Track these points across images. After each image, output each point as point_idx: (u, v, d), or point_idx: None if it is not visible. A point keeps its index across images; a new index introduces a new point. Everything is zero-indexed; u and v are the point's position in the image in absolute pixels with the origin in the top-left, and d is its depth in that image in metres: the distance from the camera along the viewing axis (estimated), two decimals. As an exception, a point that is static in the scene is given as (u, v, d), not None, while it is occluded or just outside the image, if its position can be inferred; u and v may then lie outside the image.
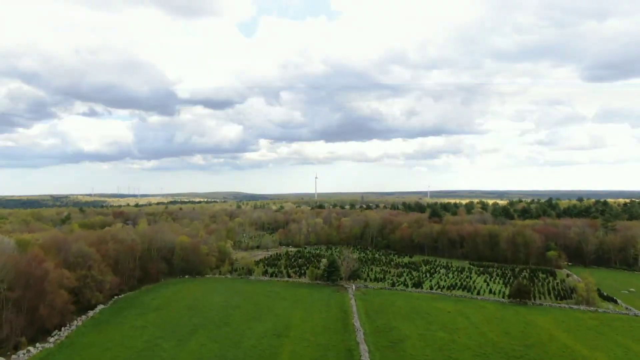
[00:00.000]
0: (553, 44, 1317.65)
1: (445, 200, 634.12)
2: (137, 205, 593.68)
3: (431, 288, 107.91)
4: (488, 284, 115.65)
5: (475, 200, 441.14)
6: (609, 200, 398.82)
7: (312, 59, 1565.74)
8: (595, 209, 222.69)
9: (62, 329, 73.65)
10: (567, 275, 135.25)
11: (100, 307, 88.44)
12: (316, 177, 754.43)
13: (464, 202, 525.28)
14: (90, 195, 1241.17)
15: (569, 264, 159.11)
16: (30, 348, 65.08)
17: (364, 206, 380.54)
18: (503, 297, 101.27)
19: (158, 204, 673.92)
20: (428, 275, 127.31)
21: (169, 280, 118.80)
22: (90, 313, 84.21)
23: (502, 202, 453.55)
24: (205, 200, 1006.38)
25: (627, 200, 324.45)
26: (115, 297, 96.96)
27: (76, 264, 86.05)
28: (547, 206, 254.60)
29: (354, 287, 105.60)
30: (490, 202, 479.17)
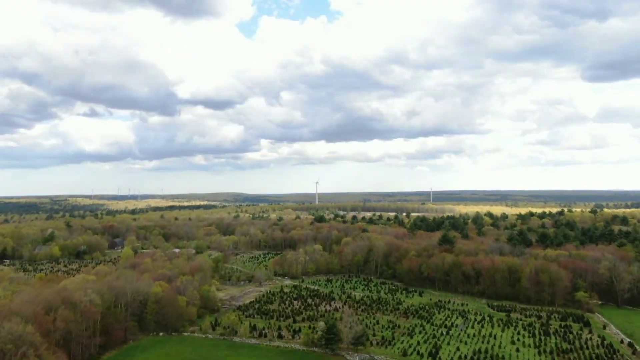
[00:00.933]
0: (554, 44, 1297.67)
1: (449, 206, 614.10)
2: (133, 212, 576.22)
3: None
4: (518, 349, 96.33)
5: (483, 211, 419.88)
6: (625, 210, 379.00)
7: (313, 59, 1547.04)
8: (619, 231, 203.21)
9: None
10: (604, 327, 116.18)
11: (39, 402, 69.56)
12: (317, 182, 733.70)
13: (469, 209, 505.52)
14: (90, 197, 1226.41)
15: (600, 303, 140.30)
16: None
17: (367, 219, 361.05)
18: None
19: (155, 209, 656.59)
20: (444, 330, 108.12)
21: (139, 340, 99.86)
22: (20, 418, 65.36)
23: (510, 212, 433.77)
24: (205, 203, 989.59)
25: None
26: (65, 378, 78.15)
27: (4, 353, 67.03)
28: (565, 224, 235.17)
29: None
30: (498, 211, 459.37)
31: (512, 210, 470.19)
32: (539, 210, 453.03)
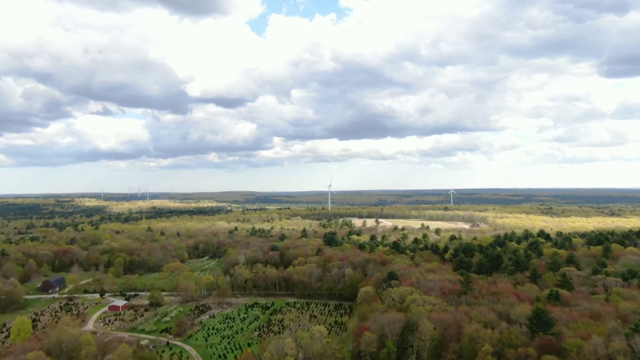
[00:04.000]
0: (570, 39, 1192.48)
1: (478, 213, 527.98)
2: (127, 220, 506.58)
3: None
4: None
5: (521, 222, 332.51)
6: None
7: (323, 56, 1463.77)
8: None
9: None
10: None
11: None
12: (330, 185, 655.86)
13: (505, 220, 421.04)
14: (98, 196, 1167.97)
15: None
16: None
17: (388, 239, 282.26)
18: None
19: (156, 214, 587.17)
20: None
21: None
22: None
23: (559, 226, 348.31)
24: (214, 205, 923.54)
25: None
26: None
27: None
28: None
29: None
30: (538, 222, 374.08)
31: (557, 223, 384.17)
32: (593, 223, 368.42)
